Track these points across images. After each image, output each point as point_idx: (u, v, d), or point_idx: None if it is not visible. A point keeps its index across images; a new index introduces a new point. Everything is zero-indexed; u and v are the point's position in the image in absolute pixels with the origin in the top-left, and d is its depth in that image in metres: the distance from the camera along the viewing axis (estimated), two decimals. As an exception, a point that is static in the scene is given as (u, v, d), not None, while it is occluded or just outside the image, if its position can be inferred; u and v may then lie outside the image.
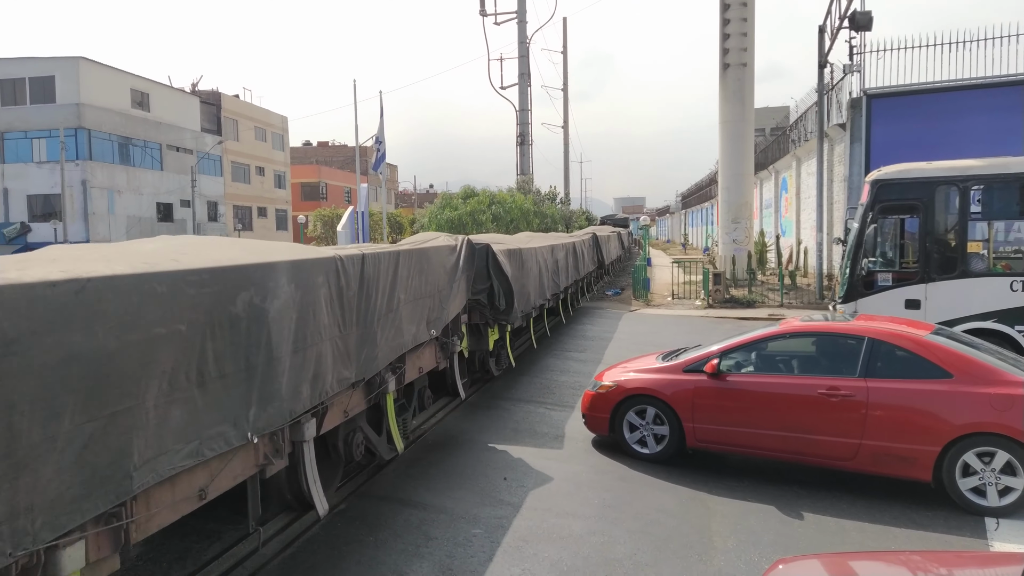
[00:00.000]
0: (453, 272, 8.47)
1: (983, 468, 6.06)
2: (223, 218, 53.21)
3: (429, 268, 7.58)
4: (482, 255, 9.73)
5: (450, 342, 8.65)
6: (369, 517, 6.14)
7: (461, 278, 8.77)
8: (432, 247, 7.86)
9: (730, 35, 25.01)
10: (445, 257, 8.28)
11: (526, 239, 14.93)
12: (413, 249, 7.16)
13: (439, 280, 7.93)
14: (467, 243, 9.17)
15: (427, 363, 7.96)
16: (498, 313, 10.03)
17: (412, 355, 7.32)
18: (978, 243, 10.15)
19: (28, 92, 40.97)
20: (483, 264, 9.72)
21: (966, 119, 19.48)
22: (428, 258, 7.60)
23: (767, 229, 33.61)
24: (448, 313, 8.21)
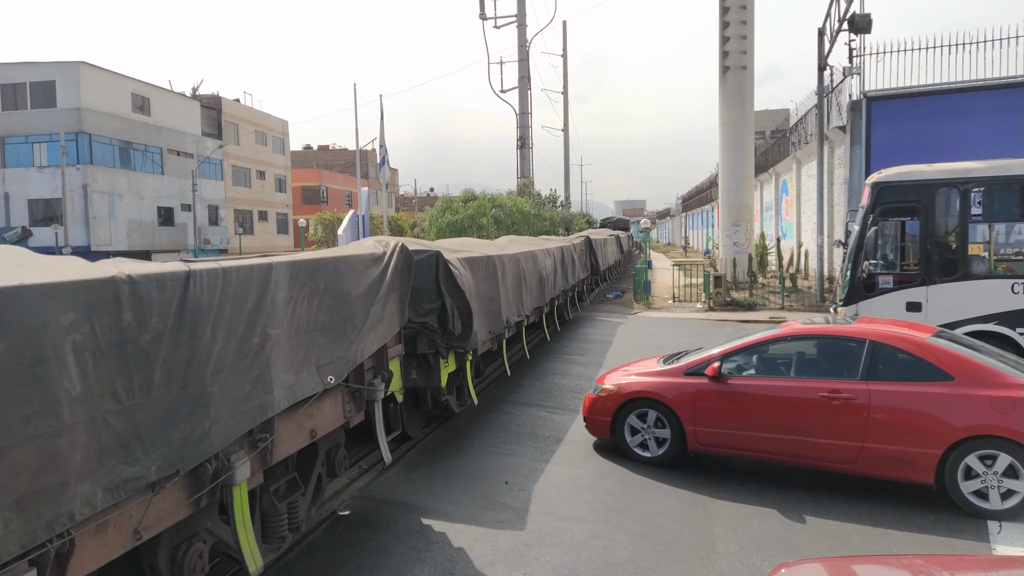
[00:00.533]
0: (374, 290, 6.14)
1: (985, 471, 6.05)
2: (224, 222, 53.24)
3: (331, 287, 5.39)
4: (428, 266, 7.58)
5: (366, 388, 6.06)
6: (370, 521, 6.14)
7: (390, 297, 6.43)
8: (335, 257, 5.62)
9: (729, 38, 25.04)
10: (360, 271, 5.98)
11: (505, 243, 13.68)
12: (297, 261, 4.96)
13: (348, 302, 5.67)
14: (401, 251, 6.70)
15: (325, 422, 5.48)
16: (452, 339, 7.85)
17: (293, 416, 4.91)
18: (979, 245, 10.14)
19: (29, 96, 41.02)
20: (431, 277, 7.59)
21: (966, 121, 19.48)
22: (327, 273, 5.34)
23: (768, 232, 33.60)
24: (362, 348, 5.82)
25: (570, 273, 17.62)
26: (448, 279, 7.78)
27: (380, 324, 6.21)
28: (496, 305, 9.76)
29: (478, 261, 9.13)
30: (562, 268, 16.24)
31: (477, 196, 35.30)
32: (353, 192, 64.25)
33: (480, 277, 9.03)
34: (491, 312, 9.50)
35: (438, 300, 7.68)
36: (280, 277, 4.68)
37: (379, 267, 6.34)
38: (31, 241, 39.93)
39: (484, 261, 9.42)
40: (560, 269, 15.91)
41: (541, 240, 18.21)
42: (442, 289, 7.68)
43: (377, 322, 6.14)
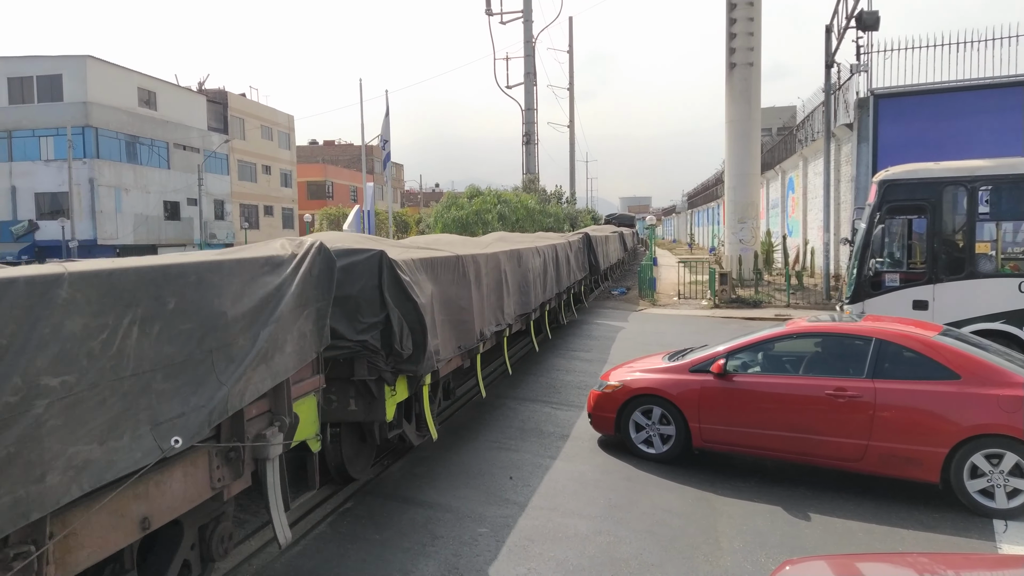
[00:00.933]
0: (269, 306, 4.48)
1: (991, 470, 6.04)
2: (229, 216, 53.35)
3: (188, 305, 3.79)
4: (367, 271, 6.09)
5: (248, 445, 4.36)
6: (375, 516, 6.15)
7: (300, 314, 4.82)
8: (197, 263, 3.99)
9: (736, 35, 24.96)
10: (245, 281, 4.33)
11: (489, 241, 12.08)
12: (116, 270, 3.40)
13: (221, 326, 4.04)
14: (318, 252, 5.16)
15: (173, 501, 3.87)
16: (400, 361, 6.28)
17: (106, 502, 3.35)
18: (986, 244, 10.10)
19: (36, 90, 41.11)
20: (371, 284, 6.10)
21: (974, 119, 19.39)
22: (182, 285, 3.77)
23: (774, 229, 33.53)
24: (244, 389, 4.16)
25: (565, 273, 15.89)
26: (395, 286, 6.23)
27: (279, 352, 4.48)
28: (467, 314, 8.22)
29: (442, 263, 7.60)
30: (555, 268, 14.59)
31: (482, 192, 35.27)
32: (359, 187, 64.28)
33: (446, 281, 7.58)
34: (460, 323, 7.95)
35: (381, 312, 6.08)
36: (76, 296, 3.07)
37: (280, 274, 4.65)
38: (38, 235, 40.15)
39: (450, 263, 7.84)
40: (552, 269, 14.27)
41: (532, 237, 16.10)
42: (386, 299, 6.08)
43: (273, 350, 4.40)
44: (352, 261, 6.06)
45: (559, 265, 15.14)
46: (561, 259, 15.50)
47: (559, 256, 15.26)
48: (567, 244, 16.87)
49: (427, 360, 6.57)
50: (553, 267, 14.42)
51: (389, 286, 6.16)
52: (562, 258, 15.65)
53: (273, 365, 4.46)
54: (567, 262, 16.38)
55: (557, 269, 14.87)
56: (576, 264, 18.16)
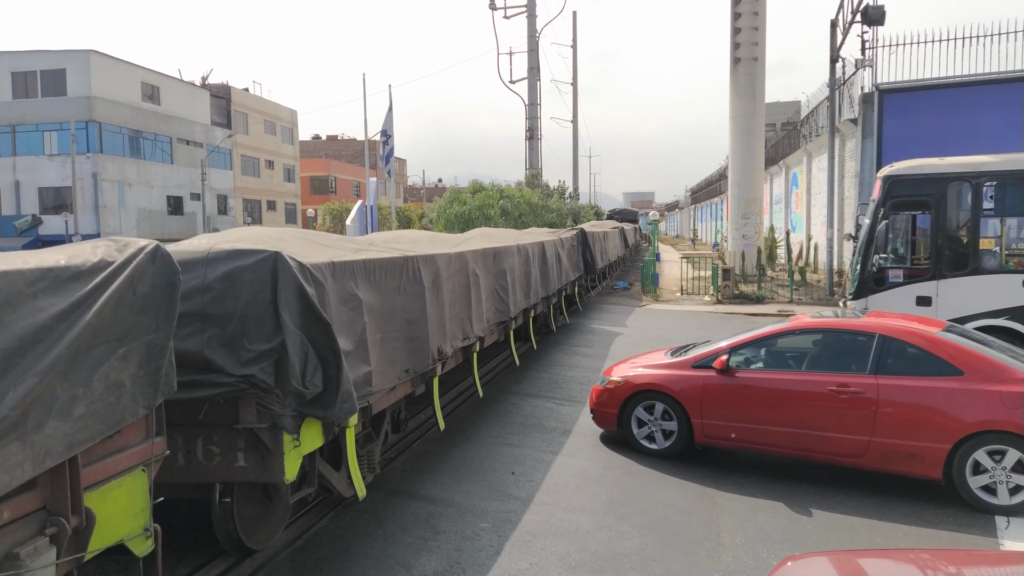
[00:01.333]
0: (40, 344, 2.99)
1: (994, 466, 6.03)
2: (233, 211, 53.39)
3: None
4: (255, 281, 4.59)
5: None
6: (377, 510, 6.16)
7: (108, 354, 3.35)
8: None
9: (741, 29, 24.88)
10: None
11: (461, 240, 10.23)
12: None
13: None
14: (148, 259, 3.64)
15: None
16: (303, 402, 4.72)
17: None
18: (990, 240, 10.07)
19: (39, 85, 41.16)
20: (262, 299, 4.59)
21: (980, 115, 19.32)
22: None
23: (777, 225, 33.47)
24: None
25: (555, 274, 14.34)
26: (296, 300, 4.63)
27: (56, 418, 3.04)
28: (420, 329, 6.72)
29: (384, 266, 6.11)
30: (541, 268, 13.14)
31: (485, 187, 35.26)
32: (362, 182, 64.30)
33: (389, 289, 6.16)
34: (409, 341, 6.46)
35: (275, 337, 4.51)
36: None
37: (68, 295, 3.16)
38: (41, 229, 40.23)
39: (395, 266, 6.33)
40: (538, 270, 12.82)
41: (519, 234, 14.66)
42: (283, 318, 4.51)
43: (40, 416, 2.96)
44: (233, 268, 4.54)
45: (547, 265, 13.65)
46: (550, 258, 13.99)
47: (547, 255, 13.76)
48: (558, 241, 15.35)
49: (343, 400, 4.84)
50: (539, 267, 12.92)
51: (288, 301, 4.57)
52: (551, 257, 14.14)
53: (39, 439, 2.93)
54: (557, 261, 14.81)
55: (545, 269, 13.45)
56: (569, 263, 16.68)
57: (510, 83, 43.02)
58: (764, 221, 29.58)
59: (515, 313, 10.72)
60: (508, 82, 43.01)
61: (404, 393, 6.71)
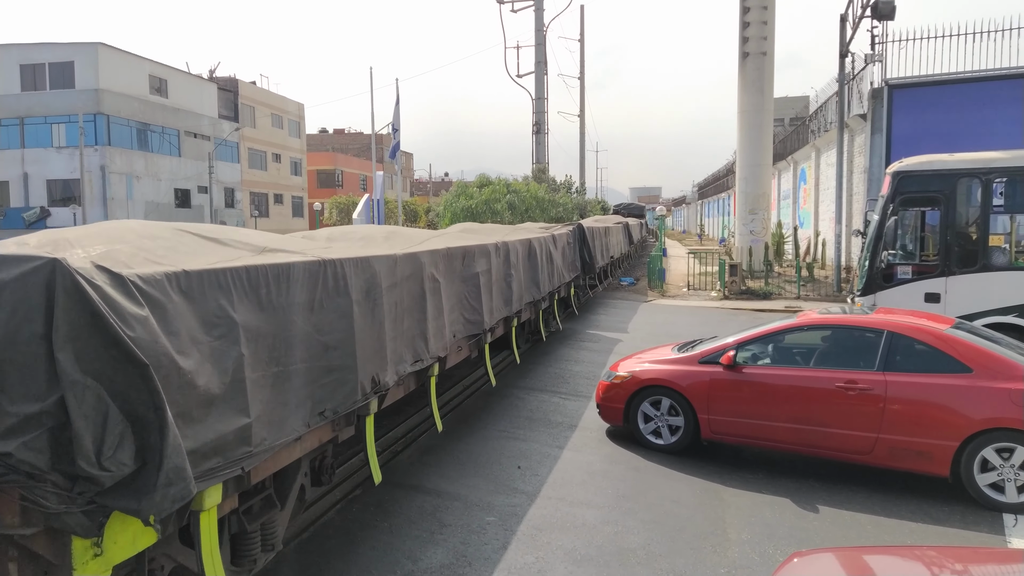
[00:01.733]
0: None
1: (1002, 464, 6.01)
2: (240, 204, 53.52)
3: None
4: (19, 306, 2.93)
5: None
6: (383, 503, 6.18)
7: None
8: None
9: (750, 23, 24.76)
10: None
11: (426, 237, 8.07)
12: None
13: None
14: None
15: None
16: (105, 491, 3.03)
17: None
18: (1000, 236, 10.02)
19: (48, 77, 41.28)
20: (29, 334, 2.93)
21: (990, 110, 19.20)
22: None
23: (785, 220, 33.36)
24: None
25: (545, 276, 12.38)
26: (90, 334, 2.99)
27: None
28: (344, 356, 4.97)
29: (283, 274, 4.39)
30: (527, 270, 11.23)
31: (492, 181, 35.23)
32: (368, 176, 64.31)
33: (292, 308, 4.42)
34: (325, 372, 4.75)
35: (49, 394, 2.92)
36: None
37: None
38: (49, 221, 40.40)
39: (303, 274, 4.59)
40: (525, 271, 11.06)
41: (507, 230, 13.01)
42: (60, 365, 2.91)
43: None
44: None
45: (536, 265, 11.76)
46: (540, 257, 12.03)
47: (536, 253, 11.81)
48: (549, 239, 13.24)
49: (169, 481, 3.12)
50: (525, 268, 11.13)
51: (71, 335, 2.94)
52: (541, 256, 12.16)
53: None
54: (548, 261, 12.91)
55: (533, 270, 11.59)
56: (563, 263, 14.83)
57: (517, 77, 42.95)
58: (772, 217, 29.51)
59: (491, 324, 8.86)
60: (515, 76, 42.93)
61: (320, 441, 4.93)
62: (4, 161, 41.53)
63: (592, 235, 17.90)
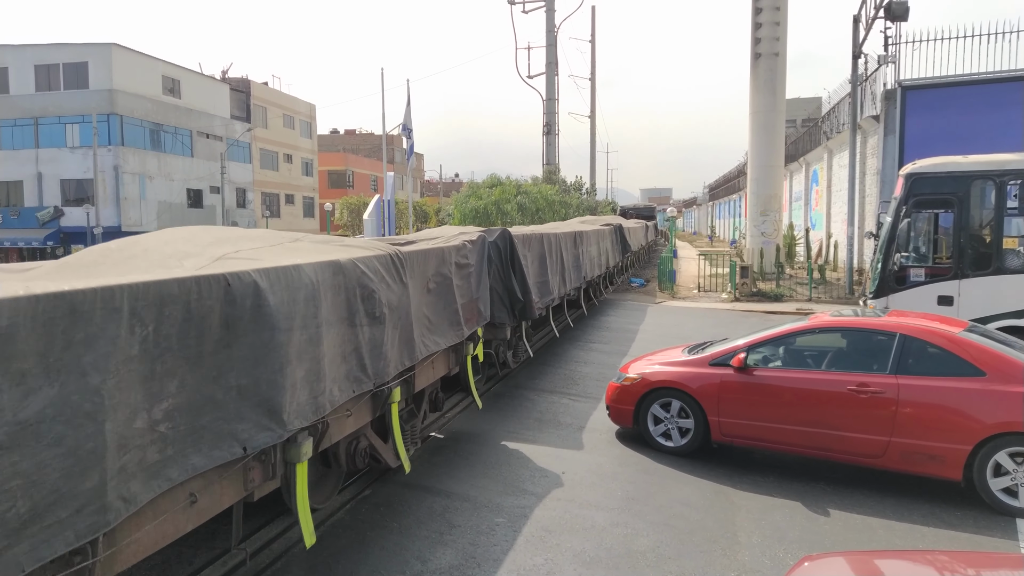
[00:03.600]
0: None
1: (1015, 468, 5.96)
2: (251, 205, 53.72)
3: None
4: None
5: None
6: (393, 503, 6.19)
7: None
8: None
9: (762, 24, 24.67)
10: None
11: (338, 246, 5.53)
12: None
13: None
14: None
15: None
16: None
17: None
18: (1014, 239, 9.94)
19: (62, 78, 41.57)
20: None
21: (1005, 112, 19.05)
22: None
23: (796, 222, 33.22)
24: None
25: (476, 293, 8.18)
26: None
27: None
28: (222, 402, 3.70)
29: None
30: (461, 285, 7.65)
31: (502, 182, 35.27)
32: (379, 177, 64.49)
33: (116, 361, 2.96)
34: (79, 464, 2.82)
35: None
36: None
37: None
38: (63, 221, 40.71)
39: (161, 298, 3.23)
40: (459, 285, 7.51)
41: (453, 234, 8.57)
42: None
43: None
44: None
45: (446, 285, 7.37)
46: (472, 268, 8.11)
47: (463, 268, 7.82)
48: (451, 249, 7.54)
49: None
50: (436, 290, 7.08)
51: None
52: (473, 266, 8.16)
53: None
54: (470, 278, 8.09)
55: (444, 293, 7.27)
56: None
57: (528, 78, 42.99)
58: (783, 218, 29.38)
59: (422, 357, 6.37)
60: (526, 77, 42.98)
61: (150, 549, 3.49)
62: (18, 161, 41.86)
63: (527, 248, 10.38)
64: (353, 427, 5.38)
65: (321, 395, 4.52)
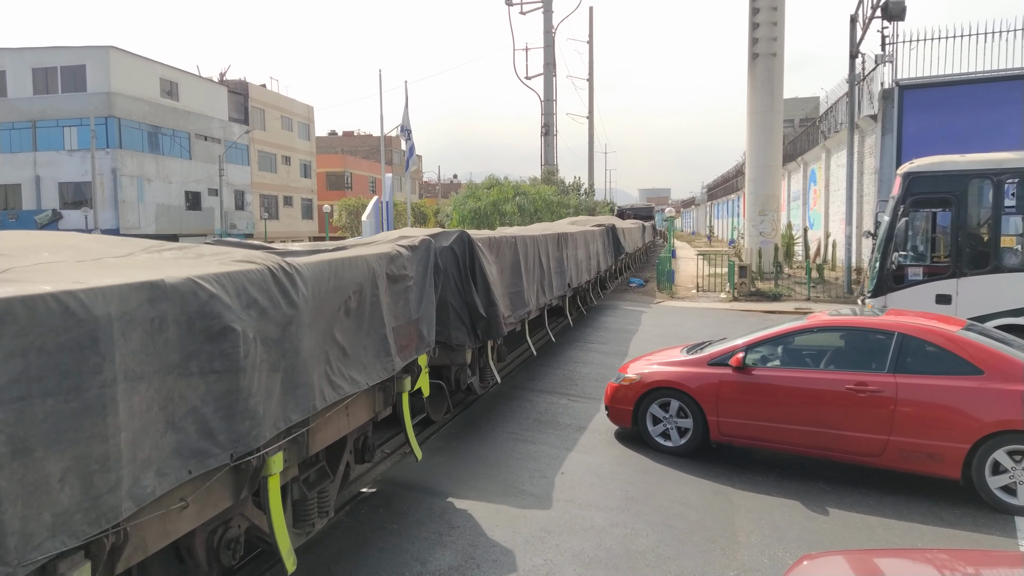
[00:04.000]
0: None
1: (1014, 466, 5.97)
2: (250, 207, 53.72)
3: None
4: None
5: None
6: (393, 504, 6.20)
7: None
8: None
9: (759, 24, 24.70)
10: None
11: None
12: None
13: None
14: None
15: None
16: None
17: None
18: (1012, 238, 9.96)
19: (60, 81, 41.56)
20: None
21: (1002, 111, 19.08)
22: None
23: (795, 221, 33.24)
24: None
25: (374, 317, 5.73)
26: None
27: None
28: None
29: None
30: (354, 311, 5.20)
31: (501, 183, 35.29)
32: (377, 178, 64.48)
33: None
34: None
35: None
36: None
37: None
38: (61, 224, 40.68)
39: None
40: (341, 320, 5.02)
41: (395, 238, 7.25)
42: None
43: None
44: None
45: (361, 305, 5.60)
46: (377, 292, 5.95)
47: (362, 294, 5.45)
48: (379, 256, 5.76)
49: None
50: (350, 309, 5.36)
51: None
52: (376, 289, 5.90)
53: None
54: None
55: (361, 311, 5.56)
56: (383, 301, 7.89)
57: (526, 79, 43.03)
58: (781, 218, 29.39)
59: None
60: (524, 78, 43.02)
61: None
62: (17, 164, 41.84)
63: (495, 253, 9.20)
64: (193, 522, 3.66)
65: (113, 491, 2.93)
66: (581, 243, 15.79)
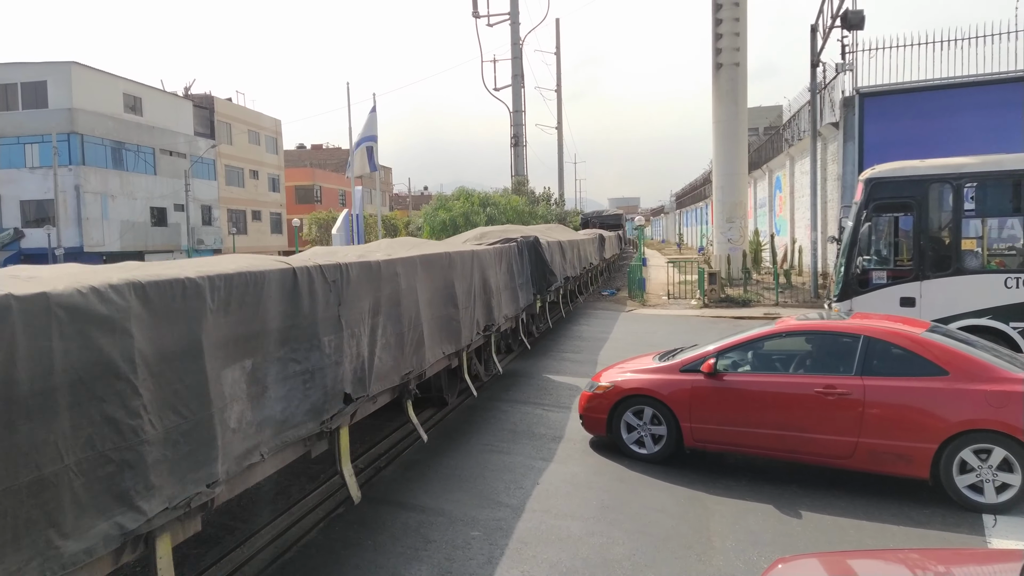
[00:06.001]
0: None
1: (980, 465, 6.07)
2: (217, 222, 53.05)
3: None
4: None
5: None
6: (367, 520, 6.13)
7: None
8: None
9: (722, 35, 25.08)
10: None
11: None
12: None
13: None
14: None
15: None
16: None
17: None
18: (972, 240, 10.18)
19: (20, 97, 40.76)
20: None
21: (960, 117, 19.55)
22: None
23: (762, 228, 33.67)
24: None
25: None
26: None
27: None
28: None
29: None
30: None
31: (471, 194, 35.32)
32: (347, 191, 64.14)
33: None
34: None
35: None
36: None
37: None
38: (23, 243, 39.81)
39: None
40: None
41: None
42: None
43: None
44: None
45: None
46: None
47: None
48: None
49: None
50: None
51: None
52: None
53: None
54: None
55: None
56: None
57: (495, 90, 43.17)
58: (749, 225, 29.77)
59: None
60: (493, 89, 43.15)
61: None
62: (-24, 182, 40.93)
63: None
64: None
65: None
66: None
